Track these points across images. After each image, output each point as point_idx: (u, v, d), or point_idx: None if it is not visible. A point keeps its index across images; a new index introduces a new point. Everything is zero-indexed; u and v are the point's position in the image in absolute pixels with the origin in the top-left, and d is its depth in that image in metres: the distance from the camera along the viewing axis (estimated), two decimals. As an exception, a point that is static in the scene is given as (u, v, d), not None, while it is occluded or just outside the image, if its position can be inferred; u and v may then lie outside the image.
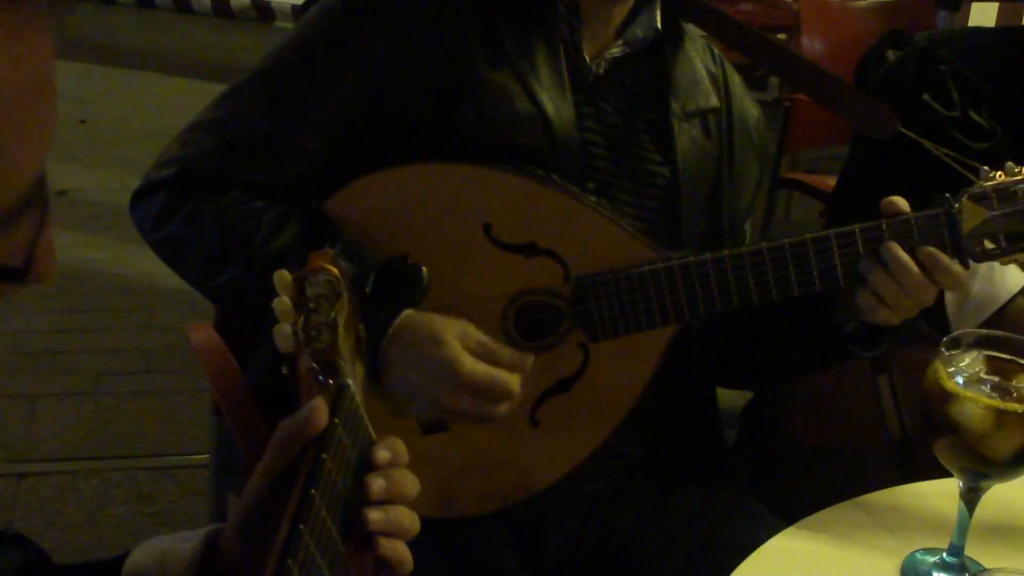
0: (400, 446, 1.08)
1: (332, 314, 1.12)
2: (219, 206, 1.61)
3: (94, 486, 3.36)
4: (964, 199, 1.55)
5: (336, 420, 1.02)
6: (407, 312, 1.54)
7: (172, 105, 7.04)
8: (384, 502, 1.02)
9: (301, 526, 0.90)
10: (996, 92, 2.03)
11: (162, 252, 1.68)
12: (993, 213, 1.55)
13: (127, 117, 6.87)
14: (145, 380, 3.99)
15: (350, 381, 1.08)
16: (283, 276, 1.15)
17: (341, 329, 1.11)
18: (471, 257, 1.60)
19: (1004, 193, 1.55)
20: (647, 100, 1.77)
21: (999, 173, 1.56)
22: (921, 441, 1.99)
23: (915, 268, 1.54)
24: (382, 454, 1.05)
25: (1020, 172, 1.56)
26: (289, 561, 0.87)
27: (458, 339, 1.52)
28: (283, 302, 1.12)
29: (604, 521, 1.74)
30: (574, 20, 1.70)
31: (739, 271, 1.59)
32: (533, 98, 1.64)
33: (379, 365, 1.53)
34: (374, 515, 1.01)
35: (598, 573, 1.75)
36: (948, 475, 1.39)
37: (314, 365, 1.08)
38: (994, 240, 1.56)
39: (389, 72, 1.62)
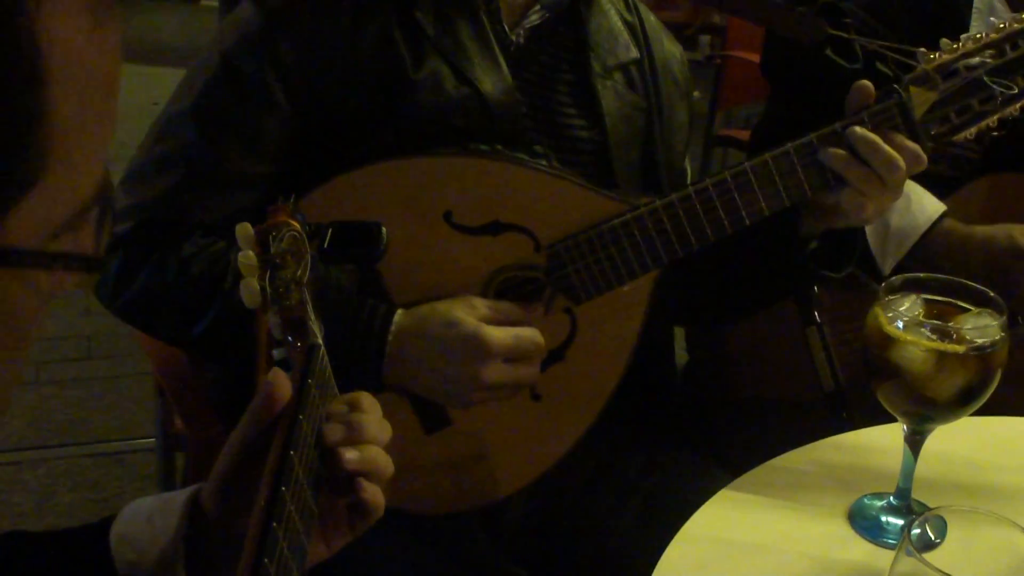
0: (366, 399, 1.10)
1: (298, 270, 1.10)
2: (182, 256, 1.57)
3: (40, 476, 3.33)
4: (910, 85, 1.56)
5: (310, 381, 1.01)
6: (399, 312, 1.54)
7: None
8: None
9: (283, 488, 0.90)
10: (902, 39, 2.04)
11: (129, 315, 1.63)
12: (941, 94, 1.56)
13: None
14: (87, 366, 3.96)
15: (320, 341, 1.08)
16: (246, 229, 1.13)
17: (306, 287, 1.10)
18: (439, 248, 1.58)
19: (946, 71, 1.56)
20: (567, 63, 1.75)
21: (937, 53, 1.57)
22: (855, 390, 2.02)
23: (883, 144, 1.54)
24: (336, 405, 1.07)
25: (956, 48, 1.57)
26: (274, 524, 0.87)
27: (470, 313, 1.51)
28: (248, 256, 1.11)
29: (556, 483, 1.74)
30: None
31: (707, 204, 1.57)
32: (465, 78, 1.62)
33: (386, 373, 1.53)
34: (349, 454, 1.03)
35: (553, 534, 1.76)
36: (886, 421, 1.40)
37: (280, 324, 1.08)
38: (946, 120, 1.58)
39: (313, 76, 1.59)
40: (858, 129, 1.56)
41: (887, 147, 1.54)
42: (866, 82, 1.58)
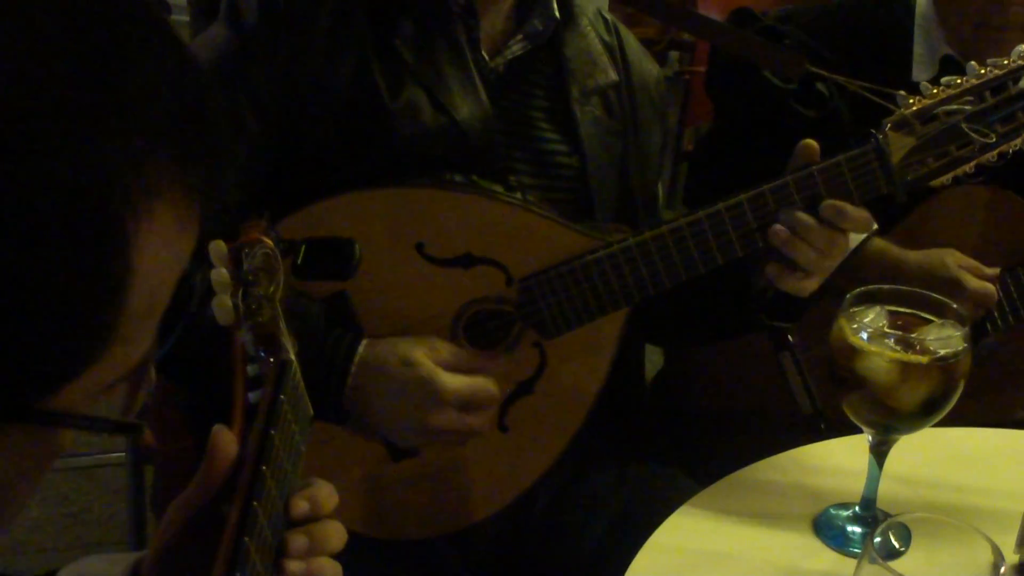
0: (323, 491, 1.04)
1: (271, 287, 1.11)
2: None
3: (8, 490, 3.29)
4: (888, 130, 1.55)
5: (282, 397, 1.01)
6: (366, 342, 1.54)
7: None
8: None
9: (255, 503, 0.91)
10: (840, 59, 2.04)
11: None
12: (919, 139, 1.56)
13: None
14: (56, 381, 3.92)
15: (292, 356, 1.08)
16: (219, 247, 1.13)
17: (278, 303, 1.11)
18: (410, 279, 1.57)
19: (925, 116, 1.56)
20: (546, 89, 1.75)
21: (916, 97, 1.57)
22: (832, 410, 2.02)
23: (818, 225, 1.53)
24: (300, 506, 1.01)
25: (936, 93, 1.57)
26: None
27: (429, 356, 1.52)
28: (221, 274, 1.11)
29: (525, 500, 1.74)
30: (471, 20, 1.67)
31: (681, 244, 1.57)
32: (443, 108, 1.62)
33: (347, 404, 1.53)
34: (294, 566, 0.98)
35: (523, 550, 1.77)
36: (858, 432, 1.42)
37: (252, 340, 1.08)
38: (923, 164, 1.57)
39: (288, 106, 1.58)
40: (793, 212, 1.55)
41: (840, 235, 1.54)
42: (811, 142, 1.57)
